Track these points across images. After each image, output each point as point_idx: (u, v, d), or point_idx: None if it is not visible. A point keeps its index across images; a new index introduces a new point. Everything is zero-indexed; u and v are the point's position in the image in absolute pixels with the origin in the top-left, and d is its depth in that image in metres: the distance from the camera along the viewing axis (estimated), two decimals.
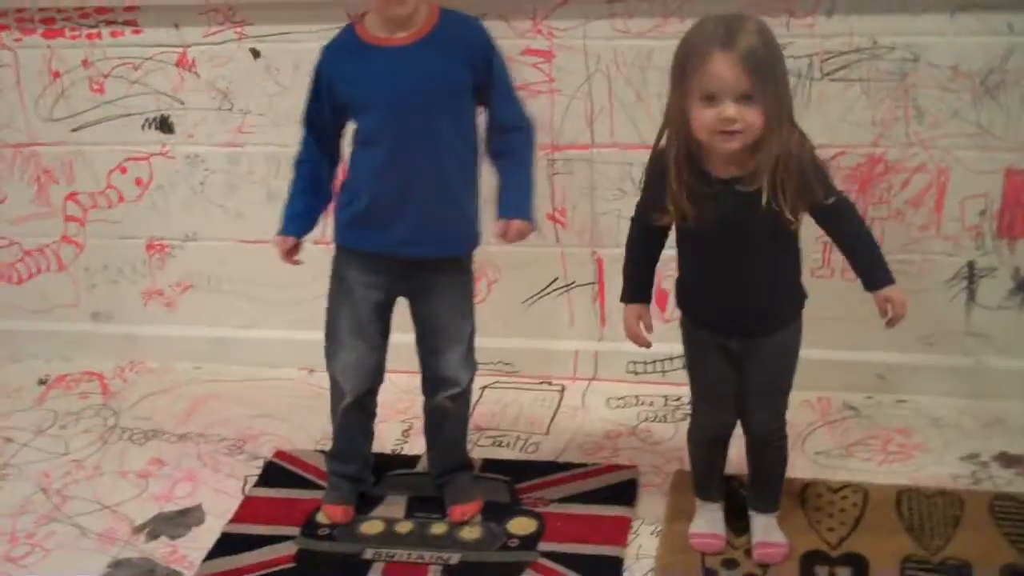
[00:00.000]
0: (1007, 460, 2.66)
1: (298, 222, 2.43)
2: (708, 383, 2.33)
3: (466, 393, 2.52)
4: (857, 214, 2.23)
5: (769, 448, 2.37)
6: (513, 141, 2.36)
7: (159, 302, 3.26)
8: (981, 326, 2.86)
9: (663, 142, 2.14)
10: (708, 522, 2.44)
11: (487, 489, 2.61)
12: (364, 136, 2.32)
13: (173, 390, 3.17)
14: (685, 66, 2.03)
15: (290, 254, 2.43)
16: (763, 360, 2.26)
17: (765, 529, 2.41)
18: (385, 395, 2.75)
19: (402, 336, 2.48)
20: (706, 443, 2.41)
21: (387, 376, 3.00)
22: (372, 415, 2.58)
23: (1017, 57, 2.59)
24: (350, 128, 2.36)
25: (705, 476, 2.45)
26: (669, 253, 2.28)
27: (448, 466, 2.59)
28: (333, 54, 2.32)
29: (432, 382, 2.50)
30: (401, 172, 2.28)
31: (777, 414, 2.33)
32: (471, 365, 2.50)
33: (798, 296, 2.27)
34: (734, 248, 2.14)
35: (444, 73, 2.25)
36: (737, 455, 2.42)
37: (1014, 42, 2.58)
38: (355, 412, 2.52)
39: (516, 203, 2.34)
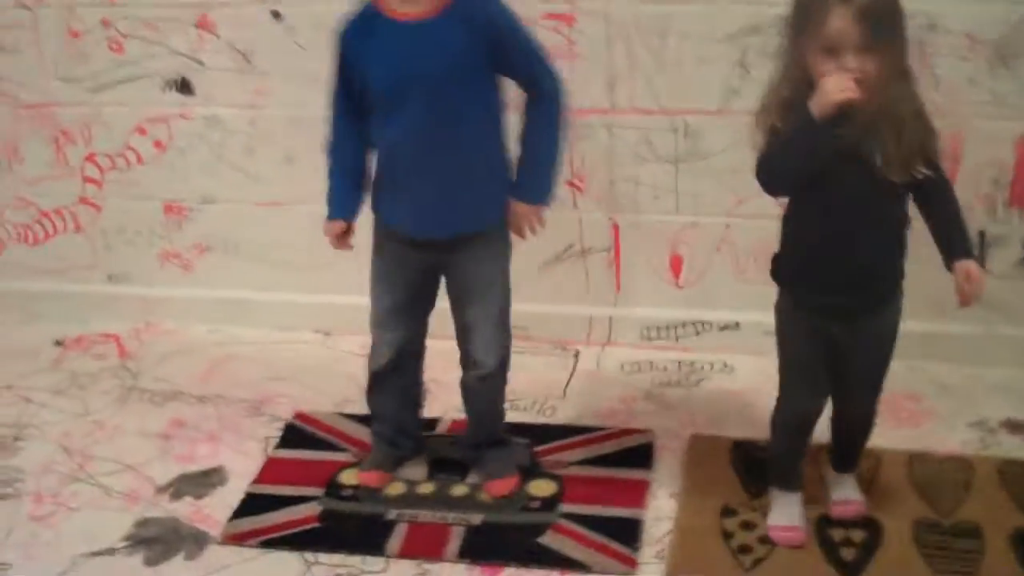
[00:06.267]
0: (1013, 426, 2.72)
1: (342, 205, 2.38)
2: (802, 362, 2.28)
3: (494, 376, 2.48)
4: (953, 193, 2.18)
5: (859, 426, 2.40)
6: (537, 108, 2.31)
7: (176, 264, 3.28)
8: (991, 294, 2.85)
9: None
10: (787, 515, 2.41)
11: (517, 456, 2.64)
12: (378, 113, 2.28)
13: (190, 352, 3.19)
14: (805, 17, 2.02)
15: (341, 239, 2.38)
16: (868, 344, 2.25)
17: (844, 487, 2.45)
18: None
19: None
20: (793, 429, 2.37)
21: None
22: (412, 382, 2.59)
23: None
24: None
25: (787, 465, 2.42)
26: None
27: (480, 440, 2.60)
28: (350, 30, 2.26)
29: (463, 360, 2.50)
30: (413, 152, 2.26)
31: (874, 396, 2.34)
32: (500, 346, 2.46)
33: (902, 271, 2.23)
34: (849, 200, 2.10)
35: (457, 49, 2.19)
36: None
37: None
38: (388, 376, 2.52)
39: (528, 184, 2.32)
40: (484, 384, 2.49)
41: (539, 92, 2.30)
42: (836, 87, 1.98)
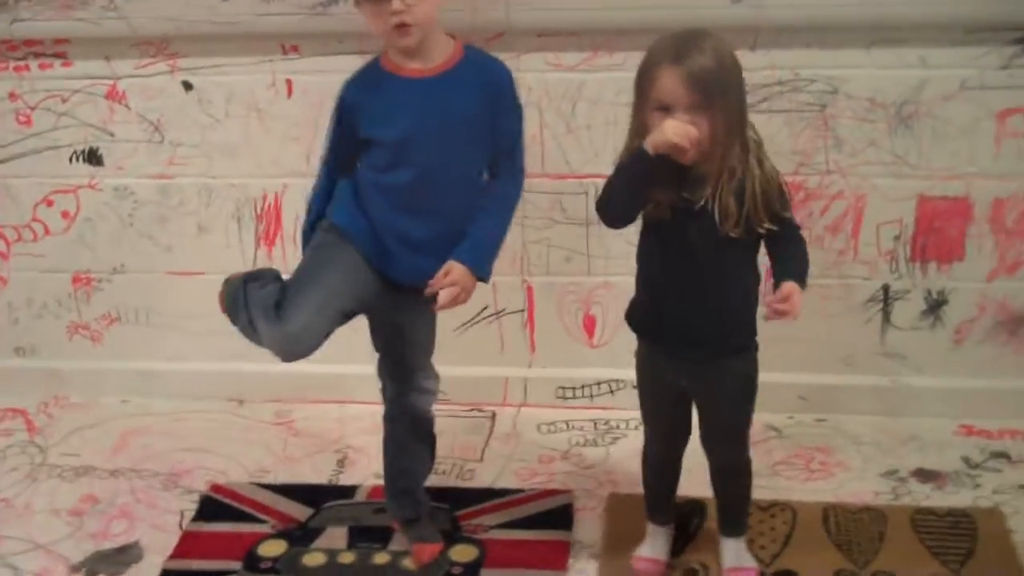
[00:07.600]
0: (924, 475, 2.77)
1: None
2: (652, 407, 2.37)
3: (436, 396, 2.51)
4: (802, 243, 2.23)
5: (732, 479, 2.42)
6: (496, 186, 2.34)
7: (84, 335, 3.22)
8: (896, 346, 2.97)
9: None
10: (651, 547, 2.48)
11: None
12: (376, 162, 2.28)
13: (101, 425, 3.12)
14: (642, 79, 2.08)
15: None
16: (722, 396, 2.29)
17: (735, 554, 2.46)
18: (319, 425, 2.71)
19: (343, 367, 2.48)
20: (655, 469, 2.45)
21: (320, 407, 3.03)
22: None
23: (930, 89, 2.70)
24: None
25: (653, 500, 2.49)
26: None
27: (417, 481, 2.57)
28: (355, 85, 2.29)
29: (403, 390, 2.47)
30: (409, 198, 2.27)
31: (738, 448, 2.37)
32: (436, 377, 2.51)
33: (751, 325, 2.25)
34: (689, 252, 2.15)
35: (463, 108, 2.24)
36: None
37: (926, 75, 2.70)
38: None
39: (474, 253, 2.29)
40: (432, 402, 2.48)
41: (503, 172, 2.34)
42: (674, 130, 2.02)
